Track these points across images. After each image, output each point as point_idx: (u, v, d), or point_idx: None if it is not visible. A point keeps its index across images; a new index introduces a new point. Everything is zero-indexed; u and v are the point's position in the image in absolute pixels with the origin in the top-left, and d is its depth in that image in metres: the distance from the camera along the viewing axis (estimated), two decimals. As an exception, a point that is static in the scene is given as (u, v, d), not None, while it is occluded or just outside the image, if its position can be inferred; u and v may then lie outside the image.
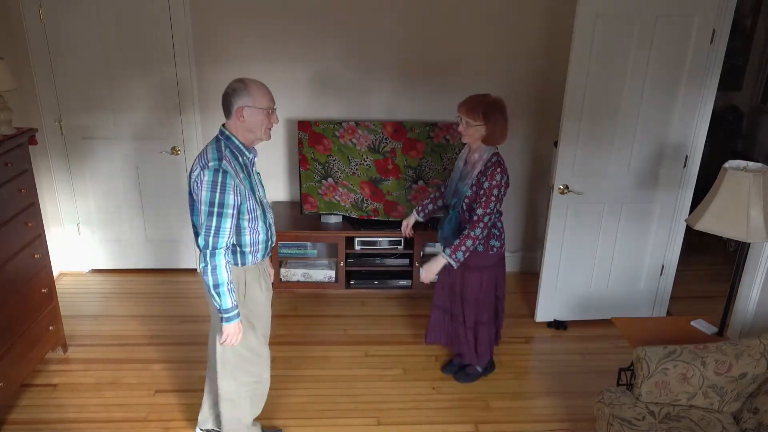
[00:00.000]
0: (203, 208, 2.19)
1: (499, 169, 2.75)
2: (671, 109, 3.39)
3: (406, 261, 4.14)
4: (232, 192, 2.19)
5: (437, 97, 4.05)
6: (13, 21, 3.75)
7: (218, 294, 2.25)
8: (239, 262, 2.38)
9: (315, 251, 4.19)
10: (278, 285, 4.02)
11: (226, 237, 2.21)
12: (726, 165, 2.57)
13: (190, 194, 2.32)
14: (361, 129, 3.87)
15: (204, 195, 2.18)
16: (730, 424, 2.36)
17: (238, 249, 2.35)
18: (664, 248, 3.72)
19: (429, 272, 2.91)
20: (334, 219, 4.10)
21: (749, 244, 2.75)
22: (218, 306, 2.28)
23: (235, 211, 2.22)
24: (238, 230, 2.30)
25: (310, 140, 3.90)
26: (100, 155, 4.13)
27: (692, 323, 2.95)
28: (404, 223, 3.28)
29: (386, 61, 3.98)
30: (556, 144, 3.59)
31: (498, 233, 2.95)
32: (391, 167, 3.96)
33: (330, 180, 3.99)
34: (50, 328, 3.31)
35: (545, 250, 3.66)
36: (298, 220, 4.07)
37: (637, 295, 3.84)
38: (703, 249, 4.72)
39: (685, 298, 4.08)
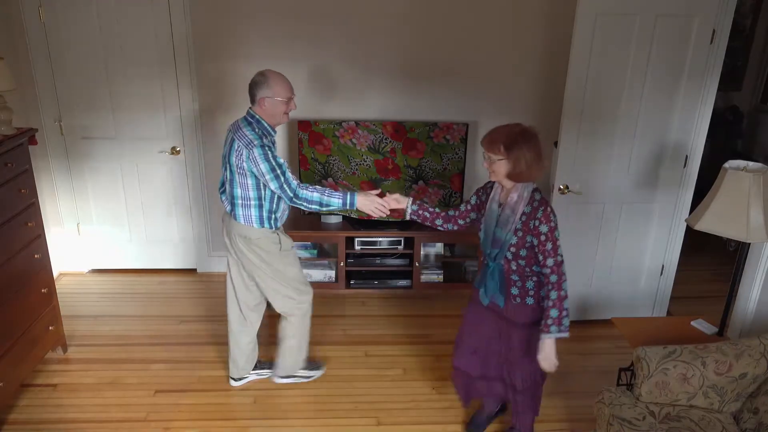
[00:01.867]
0: (268, 176, 2.68)
1: (549, 208, 2.38)
2: (671, 109, 3.39)
3: (406, 261, 4.14)
4: (279, 155, 2.71)
5: (437, 97, 4.06)
6: (13, 21, 3.75)
7: (328, 206, 2.76)
8: (273, 226, 2.86)
9: (315, 251, 4.19)
10: (278, 285, 4.02)
11: (294, 181, 2.72)
12: (726, 165, 2.57)
13: (230, 165, 2.73)
14: (361, 129, 3.88)
15: (263, 167, 2.66)
16: (730, 425, 2.36)
17: (273, 216, 2.84)
18: (664, 248, 3.72)
19: (551, 359, 2.46)
20: (334, 219, 4.10)
21: (749, 244, 2.75)
22: (338, 208, 2.77)
23: (287, 163, 2.73)
24: (272, 198, 2.79)
25: (310, 140, 3.90)
26: (100, 155, 4.13)
27: (692, 323, 2.96)
28: (396, 196, 2.79)
29: (386, 61, 3.98)
30: (556, 144, 3.59)
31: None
32: (391, 167, 3.96)
33: (330, 180, 3.99)
34: (50, 328, 3.31)
35: (545, 250, 3.66)
36: (298, 220, 4.06)
37: (637, 295, 3.84)
38: (703, 249, 4.72)
39: (685, 298, 4.08)
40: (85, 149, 4.11)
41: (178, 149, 4.12)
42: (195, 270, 4.50)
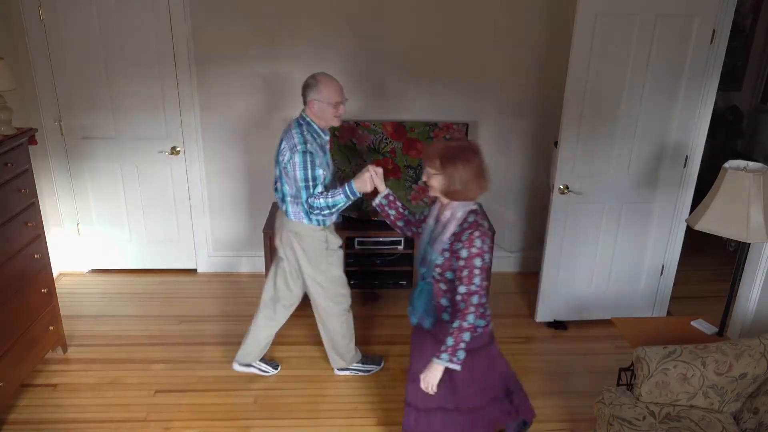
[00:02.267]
0: (300, 184, 2.76)
1: (478, 233, 2.18)
2: (671, 109, 3.39)
3: (406, 261, 4.14)
4: (318, 167, 2.77)
5: (437, 97, 4.06)
6: (13, 21, 3.75)
7: (335, 205, 2.78)
8: (320, 223, 2.94)
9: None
10: (278, 285, 4.03)
11: (317, 192, 2.80)
12: (726, 165, 2.57)
13: (278, 163, 2.86)
14: (361, 129, 3.87)
15: (299, 174, 2.74)
16: (730, 425, 2.36)
17: None
18: (664, 248, 3.73)
19: (430, 384, 2.26)
20: (334, 219, 4.10)
21: (749, 244, 2.75)
22: (345, 202, 2.78)
23: (321, 178, 2.80)
24: None
25: (310, 140, 3.89)
26: (100, 155, 4.13)
27: (692, 323, 2.96)
28: (379, 173, 2.67)
29: (386, 61, 3.98)
30: (556, 144, 3.59)
31: (482, 310, 2.29)
32: (391, 167, 3.96)
33: (330, 180, 3.99)
34: (50, 328, 3.31)
35: (545, 250, 3.66)
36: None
37: (637, 295, 3.84)
38: (703, 249, 4.72)
39: (685, 298, 4.08)
40: (85, 149, 4.11)
41: (178, 149, 4.12)
42: (195, 270, 4.50)
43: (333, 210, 2.81)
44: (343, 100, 2.83)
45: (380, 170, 2.67)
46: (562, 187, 3.48)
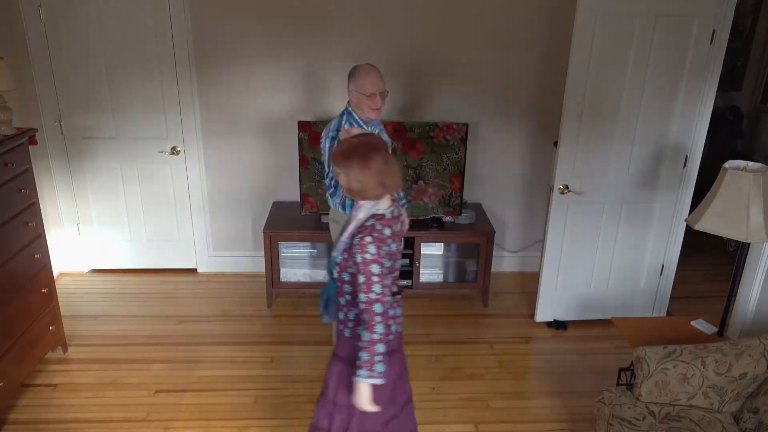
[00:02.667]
0: (327, 167, 2.84)
1: (369, 238, 2.04)
2: (671, 109, 3.39)
3: (406, 261, 4.14)
4: None
5: (437, 97, 4.06)
6: (13, 21, 3.75)
7: (331, 174, 2.80)
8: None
9: (315, 251, 4.19)
10: (278, 285, 4.03)
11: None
12: (726, 165, 2.57)
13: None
14: (361, 129, 3.87)
15: (324, 157, 2.83)
16: (730, 424, 2.36)
17: (348, 202, 2.87)
18: (664, 248, 3.73)
19: (363, 402, 2.14)
20: (334, 219, 4.10)
21: (749, 244, 2.75)
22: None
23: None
24: None
25: (310, 140, 3.89)
26: (100, 155, 4.13)
27: (692, 323, 2.96)
28: (352, 133, 2.50)
29: (386, 61, 3.97)
30: (556, 144, 3.59)
31: (388, 318, 2.13)
32: (391, 167, 3.96)
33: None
34: (50, 328, 3.31)
35: (545, 250, 3.66)
36: (298, 220, 4.06)
37: (637, 295, 3.84)
38: (703, 249, 4.72)
39: (685, 298, 4.08)
40: (85, 149, 4.11)
41: (178, 149, 4.12)
42: (195, 270, 4.50)
43: (332, 182, 2.81)
44: (378, 92, 2.77)
45: (354, 130, 2.59)
46: (561, 187, 3.48)
